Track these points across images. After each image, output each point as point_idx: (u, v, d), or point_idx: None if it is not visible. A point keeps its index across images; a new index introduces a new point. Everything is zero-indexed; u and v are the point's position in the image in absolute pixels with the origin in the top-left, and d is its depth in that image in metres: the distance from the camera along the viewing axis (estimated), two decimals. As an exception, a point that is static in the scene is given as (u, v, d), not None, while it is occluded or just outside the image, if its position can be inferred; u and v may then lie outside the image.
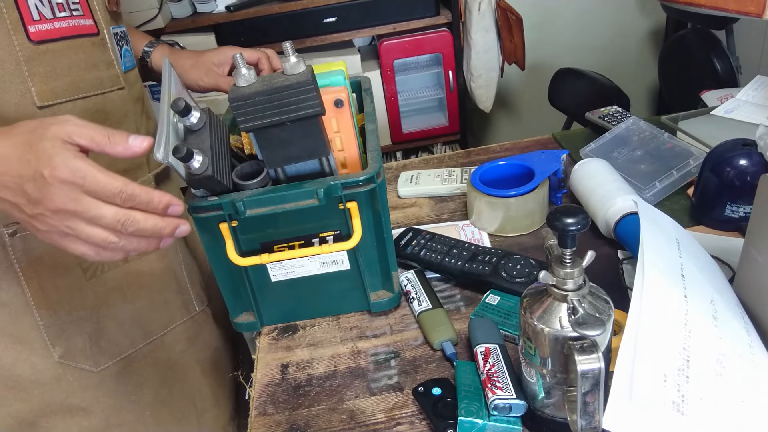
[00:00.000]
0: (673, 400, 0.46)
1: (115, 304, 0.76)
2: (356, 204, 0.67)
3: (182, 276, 0.85)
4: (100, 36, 0.70)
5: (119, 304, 0.76)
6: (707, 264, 0.63)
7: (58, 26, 0.65)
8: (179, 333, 0.84)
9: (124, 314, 0.77)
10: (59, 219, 0.50)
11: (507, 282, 0.74)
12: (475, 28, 1.89)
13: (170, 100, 0.63)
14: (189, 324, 0.85)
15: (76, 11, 0.67)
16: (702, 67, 1.82)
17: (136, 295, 0.78)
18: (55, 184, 0.48)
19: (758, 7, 0.69)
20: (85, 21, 0.68)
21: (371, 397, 0.66)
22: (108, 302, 0.75)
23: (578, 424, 0.48)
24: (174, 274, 0.83)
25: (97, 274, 0.73)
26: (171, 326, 0.83)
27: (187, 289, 0.85)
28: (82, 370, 0.73)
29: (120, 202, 0.50)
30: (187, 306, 0.85)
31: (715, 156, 0.80)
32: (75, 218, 0.50)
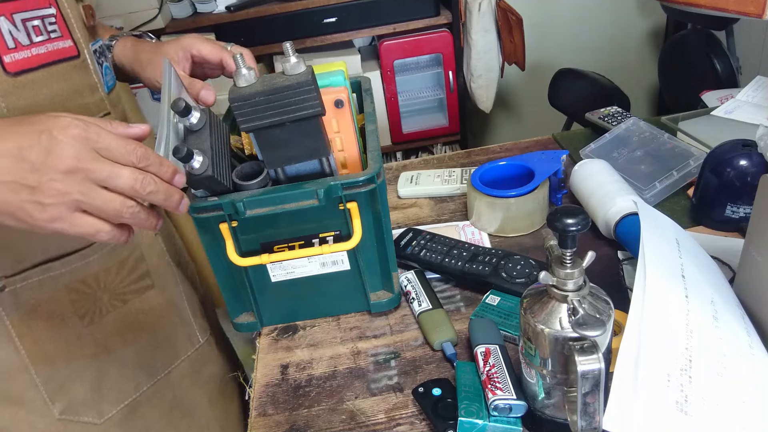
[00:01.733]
0: (677, 400, 0.46)
1: (116, 348, 0.72)
2: (356, 204, 0.67)
3: (184, 308, 0.81)
4: (81, 58, 0.64)
5: (120, 348, 0.72)
6: (707, 265, 0.63)
7: (36, 52, 0.59)
8: (184, 368, 0.81)
9: (126, 357, 0.73)
10: (71, 183, 0.45)
11: (507, 282, 0.73)
12: (476, 28, 1.89)
13: (170, 101, 0.62)
14: (194, 357, 0.82)
15: (53, 33, 0.61)
16: (702, 67, 1.82)
17: (138, 336, 0.74)
18: (66, 140, 0.44)
19: (758, 7, 0.69)
20: (65, 43, 0.62)
21: (371, 397, 0.66)
22: (108, 347, 0.71)
23: (578, 425, 0.48)
24: (176, 308, 0.80)
25: (95, 320, 0.69)
26: (176, 362, 0.80)
27: (189, 320, 0.82)
28: (85, 423, 0.70)
29: (135, 160, 0.47)
30: (190, 338, 0.82)
31: (715, 156, 0.80)
32: (88, 181, 0.45)
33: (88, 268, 0.67)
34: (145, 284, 0.75)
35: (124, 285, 0.72)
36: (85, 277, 0.67)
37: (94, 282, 0.68)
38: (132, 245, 0.72)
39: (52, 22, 0.61)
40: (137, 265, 0.73)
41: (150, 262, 0.75)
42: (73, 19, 0.64)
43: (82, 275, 0.67)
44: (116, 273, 0.71)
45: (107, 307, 0.70)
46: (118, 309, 0.72)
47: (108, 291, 0.70)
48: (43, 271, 0.64)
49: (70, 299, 0.67)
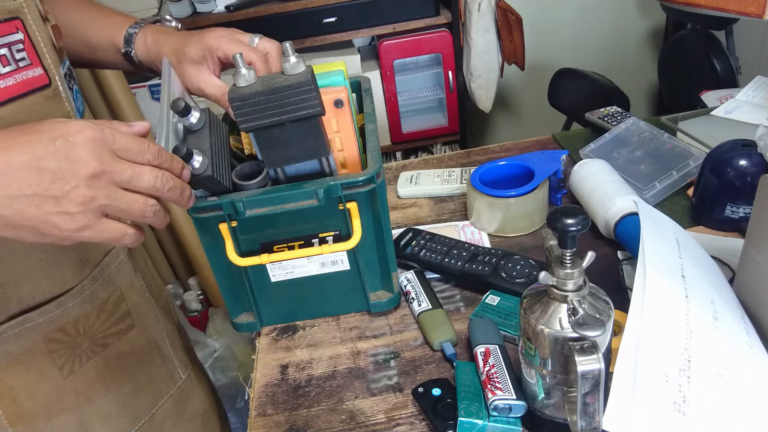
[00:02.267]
0: (675, 401, 0.46)
1: (98, 396, 0.69)
2: (356, 204, 0.67)
3: (165, 346, 0.79)
4: (52, 86, 0.59)
5: (102, 396, 0.70)
6: (707, 265, 0.63)
7: (3, 85, 0.54)
8: (167, 408, 0.78)
9: (108, 405, 0.70)
10: (97, 188, 0.43)
11: (507, 282, 0.73)
12: (475, 28, 1.89)
13: (170, 101, 0.62)
14: (176, 395, 0.80)
15: (22, 61, 0.56)
16: (702, 67, 1.82)
17: (120, 381, 0.71)
18: (84, 144, 0.43)
19: (758, 7, 0.69)
20: (35, 71, 0.57)
21: (371, 397, 0.66)
22: (90, 397, 0.68)
23: (578, 425, 0.48)
24: (156, 346, 0.77)
25: (75, 369, 0.66)
26: (159, 403, 0.77)
27: (170, 357, 0.79)
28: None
29: (151, 158, 0.47)
30: (172, 376, 0.80)
31: (715, 156, 0.80)
32: (112, 184, 0.44)
33: (66, 315, 0.64)
34: (126, 325, 0.72)
35: (105, 328, 0.69)
36: (64, 324, 0.64)
37: (73, 329, 0.65)
38: (111, 286, 0.70)
39: (20, 48, 0.56)
40: (118, 305, 0.71)
41: (130, 301, 0.73)
42: (43, 42, 0.59)
43: (60, 323, 0.64)
44: (96, 317, 0.68)
45: (87, 354, 0.67)
46: (99, 354, 0.69)
47: (88, 337, 0.67)
48: (19, 324, 0.61)
49: (48, 350, 0.64)
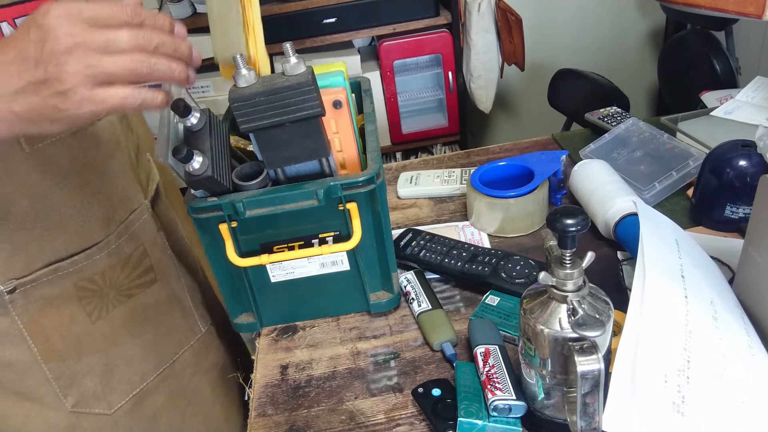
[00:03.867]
0: (674, 401, 0.46)
1: (123, 342, 0.74)
2: (356, 205, 0.67)
3: (185, 300, 0.83)
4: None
5: (127, 341, 0.75)
6: (707, 265, 0.63)
7: None
8: (187, 357, 0.83)
9: (132, 350, 0.75)
10: (76, 59, 0.43)
11: (507, 283, 0.73)
12: (475, 28, 1.89)
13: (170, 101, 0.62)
14: (196, 346, 0.84)
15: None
16: (701, 68, 1.83)
17: (143, 329, 0.77)
18: (51, 23, 0.43)
19: (758, 8, 0.69)
20: None
21: (371, 398, 0.66)
22: (116, 342, 0.74)
23: (578, 425, 0.48)
24: (177, 300, 0.82)
25: (102, 315, 0.72)
26: (179, 352, 0.82)
27: (191, 312, 0.84)
28: (96, 415, 0.72)
29: (127, 18, 0.45)
30: (192, 329, 0.84)
31: (715, 157, 0.80)
32: (90, 52, 0.44)
33: (94, 266, 0.69)
34: (149, 278, 0.77)
35: (130, 280, 0.74)
36: (92, 275, 0.69)
37: (101, 279, 0.70)
38: (136, 242, 0.74)
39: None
40: (141, 260, 0.75)
41: (153, 257, 0.77)
42: None
43: (89, 273, 0.69)
44: (121, 269, 0.73)
45: (113, 303, 0.72)
46: (124, 304, 0.74)
47: (114, 287, 0.72)
48: (52, 272, 0.66)
49: (78, 297, 0.69)
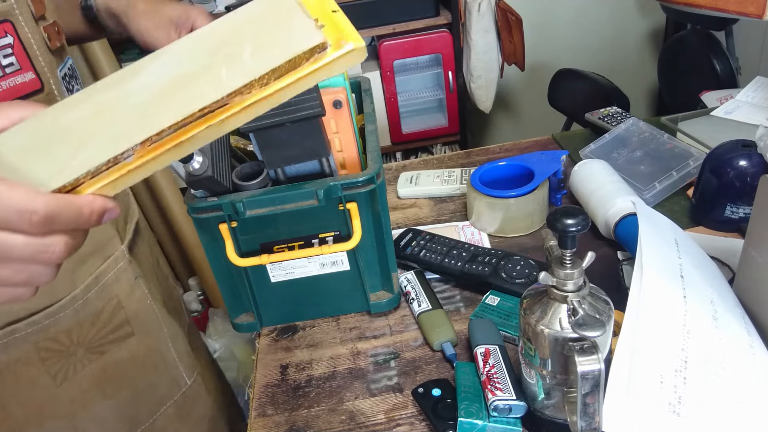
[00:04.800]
0: (670, 402, 0.46)
1: (94, 403, 0.67)
2: (356, 205, 0.67)
3: (168, 351, 0.75)
4: (45, 91, 0.57)
5: (99, 403, 0.67)
6: (706, 265, 0.63)
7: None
8: (170, 414, 0.76)
9: (105, 412, 0.68)
10: None
11: (507, 283, 0.73)
12: (475, 28, 1.89)
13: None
14: (180, 401, 0.77)
15: (10, 67, 0.54)
16: (701, 67, 1.82)
17: (118, 387, 0.69)
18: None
19: (758, 8, 0.69)
20: (25, 76, 0.55)
21: (371, 398, 0.66)
22: (86, 404, 0.66)
23: (578, 426, 0.48)
24: (159, 353, 0.74)
25: (69, 377, 0.64)
26: (161, 410, 0.74)
27: (175, 363, 0.76)
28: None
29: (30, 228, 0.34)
30: (177, 382, 0.77)
31: (715, 157, 0.80)
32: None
33: (57, 324, 0.62)
34: (125, 332, 0.69)
35: (101, 336, 0.67)
36: (56, 334, 0.62)
37: (67, 338, 0.63)
38: (108, 295, 0.67)
39: (8, 54, 0.54)
40: (114, 314, 0.68)
41: (129, 309, 0.70)
42: (35, 45, 0.56)
43: (52, 333, 0.62)
44: (91, 325, 0.65)
45: (82, 362, 0.65)
46: (95, 362, 0.66)
47: (83, 345, 0.65)
48: (8, 334, 0.59)
49: (40, 358, 0.62)
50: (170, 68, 0.37)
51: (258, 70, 0.35)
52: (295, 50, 0.35)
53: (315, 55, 0.36)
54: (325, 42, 0.36)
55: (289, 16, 0.37)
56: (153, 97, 0.36)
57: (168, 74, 0.37)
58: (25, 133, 0.36)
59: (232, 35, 0.37)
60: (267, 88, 0.36)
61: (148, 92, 0.36)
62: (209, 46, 0.37)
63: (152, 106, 0.36)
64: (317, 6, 0.38)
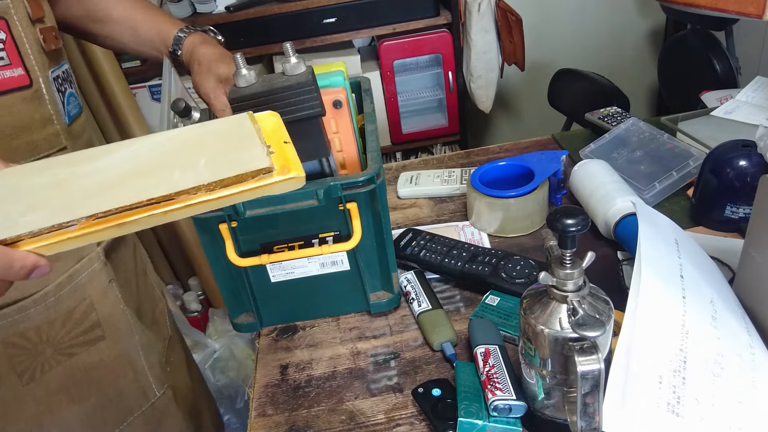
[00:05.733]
0: (668, 402, 0.46)
1: (60, 407, 0.66)
2: (356, 205, 0.67)
3: (139, 360, 0.74)
4: (33, 87, 0.58)
5: (65, 407, 0.67)
6: (706, 265, 0.63)
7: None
8: (137, 426, 0.74)
9: (71, 418, 0.67)
10: None
11: (507, 283, 0.73)
12: (475, 28, 1.89)
13: (170, 101, 0.63)
14: (149, 413, 0.75)
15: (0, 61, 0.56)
16: (701, 68, 1.82)
17: (86, 393, 0.68)
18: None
19: (758, 8, 0.69)
20: (13, 72, 0.57)
21: (371, 398, 0.66)
22: (51, 407, 0.65)
23: (578, 426, 0.48)
24: (129, 360, 0.73)
25: (36, 377, 0.63)
26: (128, 420, 0.73)
27: (144, 373, 0.75)
28: None
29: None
30: (145, 393, 0.75)
31: (715, 157, 0.80)
32: None
33: (28, 320, 0.61)
34: (95, 335, 0.69)
35: (71, 337, 0.66)
36: (25, 330, 0.62)
37: (35, 335, 0.63)
38: (80, 294, 0.66)
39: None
40: (86, 315, 0.67)
41: (101, 311, 0.69)
42: (28, 44, 0.58)
43: (21, 328, 0.61)
44: (62, 325, 0.65)
45: (50, 363, 0.64)
46: (63, 364, 0.66)
47: (51, 345, 0.64)
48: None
49: (7, 355, 0.61)
50: (132, 159, 0.42)
51: (208, 177, 0.40)
52: (245, 168, 0.41)
53: (260, 175, 0.41)
54: (271, 167, 0.42)
55: (246, 138, 0.43)
56: (109, 180, 0.41)
57: (128, 164, 0.41)
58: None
59: (193, 143, 0.43)
60: (212, 193, 0.41)
61: (105, 175, 0.41)
62: (171, 148, 0.43)
63: (106, 187, 0.40)
64: (272, 135, 0.45)
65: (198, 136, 0.44)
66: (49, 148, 0.61)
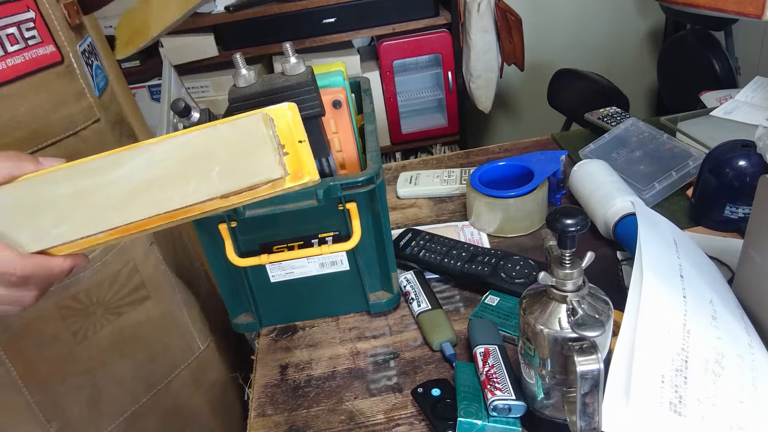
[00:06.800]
0: (671, 401, 0.46)
1: (112, 362, 0.70)
2: (356, 205, 0.67)
3: (182, 317, 0.78)
4: (65, 63, 0.60)
5: (117, 362, 0.70)
6: (705, 265, 0.63)
7: (12, 63, 0.55)
8: (184, 377, 0.78)
9: (123, 371, 0.71)
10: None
11: (506, 283, 0.74)
12: (475, 28, 1.89)
13: (170, 101, 0.63)
14: (194, 365, 0.79)
15: (32, 39, 0.57)
16: (701, 68, 1.83)
17: (134, 349, 0.72)
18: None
19: (757, 8, 0.69)
20: (45, 49, 0.58)
21: (370, 398, 0.66)
22: (104, 362, 0.69)
23: (577, 425, 0.48)
24: (173, 318, 0.76)
25: (89, 336, 0.67)
26: (175, 372, 0.77)
27: (188, 329, 0.79)
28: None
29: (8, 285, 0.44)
30: (190, 346, 0.79)
31: (715, 157, 0.80)
32: None
33: (78, 284, 0.65)
34: (141, 295, 0.72)
35: (119, 298, 0.69)
36: (76, 293, 0.65)
37: (86, 297, 0.66)
38: (124, 258, 0.69)
39: (30, 27, 0.57)
40: (131, 277, 0.70)
41: (144, 273, 0.72)
42: (56, 20, 0.60)
43: (72, 292, 0.64)
44: (109, 286, 0.68)
45: (101, 322, 0.68)
46: (113, 323, 0.69)
47: (101, 305, 0.68)
48: None
49: (61, 316, 0.64)
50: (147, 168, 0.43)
51: (222, 189, 0.42)
52: (258, 179, 0.42)
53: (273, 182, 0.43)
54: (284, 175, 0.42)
55: (259, 144, 0.43)
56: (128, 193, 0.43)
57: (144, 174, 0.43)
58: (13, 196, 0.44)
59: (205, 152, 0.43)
60: (227, 200, 0.43)
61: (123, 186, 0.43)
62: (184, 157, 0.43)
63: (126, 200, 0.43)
64: (287, 133, 0.44)
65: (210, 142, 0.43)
66: (84, 121, 0.62)
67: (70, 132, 0.61)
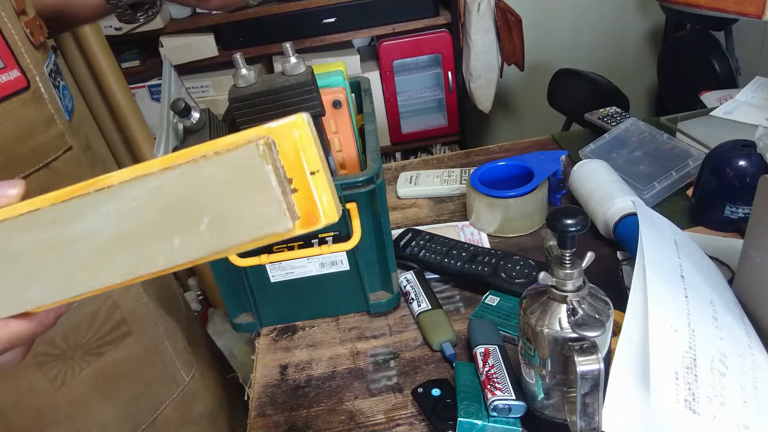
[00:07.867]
0: (686, 398, 0.46)
1: (94, 405, 0.66)
2: (356, 205, 0.67)
3: (166, 349, 0.74)
4: (31, 88, 0.54)
5: (99, 405, 0.67)
6: (706, 265, 0.63)
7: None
8: (170, 412, 0.75)
9: (105, 414, 0.68)
10: None
11: (506, 283, 0.73)
12: (475, 28, 1.89)
13: (170, 101, 0.62)
14: (180, 398, 0.76)
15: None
16: (701, 68, 1.83)
17: (117, 388, 0.68)
18: None
19: (757, 8, 0.69)
20: (9, 75, 0.52)
21: (370, 398, 0.66)
22: (86, 407, 0.66)
23: (578, 426, 0.48)
24: (156, 350, 0.73)
25: (67, 381, 0.63)
26: (160, 408, 0.74)
27: (172, 360, 0.75)
28: None
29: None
30: (175, 379, 0.76)
31: (715, 157, 0.80)
32: None
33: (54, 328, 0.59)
34: (121, 332, 0.69)
35: (98, 338, 0.66)
36: (52, 338, 0.61)
37: (63, 342, 0.62)
38: (103, 295, 0.65)
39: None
40: (110, 314, 0.67)
41: (125, 308, 0.69)
42: (19, 41, 0.53)
43: (48, 337, 0.61)
44: (87, 327, 0.64)
45: (80, 365, 0.64)
46: (93, 364, 0.66)
47: (80, 348, 0.64)
48: None
49: (37, 363, 0.61)
50: (116, 222, 0.34)
51: (215, 246, 0.33)
52: (257, 234, 0.32)
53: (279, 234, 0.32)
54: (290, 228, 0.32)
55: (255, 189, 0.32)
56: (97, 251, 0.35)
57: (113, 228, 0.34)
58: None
59: (188, 200, 0.33)
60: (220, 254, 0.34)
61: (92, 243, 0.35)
62: (161, 206, 0.34)
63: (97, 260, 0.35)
64: (295, 162, 0.32)
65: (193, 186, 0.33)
66: (56, 150, 0.57)
67: (40, 164, 0.55)
